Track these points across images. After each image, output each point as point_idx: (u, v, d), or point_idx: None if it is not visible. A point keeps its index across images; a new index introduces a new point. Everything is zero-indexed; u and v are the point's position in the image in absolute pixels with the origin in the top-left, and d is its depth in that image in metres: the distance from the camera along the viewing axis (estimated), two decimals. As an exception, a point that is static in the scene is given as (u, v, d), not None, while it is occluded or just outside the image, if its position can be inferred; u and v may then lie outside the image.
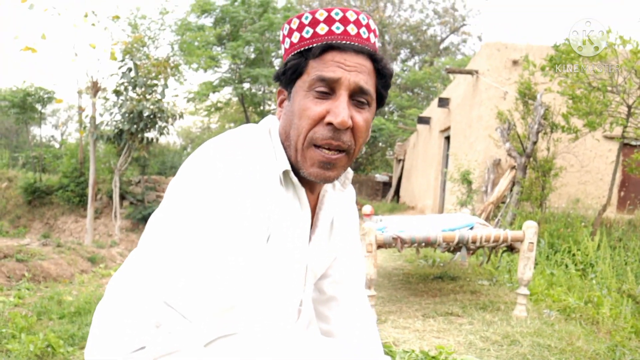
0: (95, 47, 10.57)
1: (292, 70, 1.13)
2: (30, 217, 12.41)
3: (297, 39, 1.13)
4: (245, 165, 1.03)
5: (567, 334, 2.89)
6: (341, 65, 1.09)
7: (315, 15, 1.13)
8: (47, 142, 29.26)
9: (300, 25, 1.13)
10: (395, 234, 3.34)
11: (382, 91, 1.18)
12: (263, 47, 19.52)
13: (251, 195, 1.02)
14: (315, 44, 1.11)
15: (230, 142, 1.08)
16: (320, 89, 1.09)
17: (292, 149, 1.14)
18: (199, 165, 1.04)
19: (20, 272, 6.95)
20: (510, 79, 9.26)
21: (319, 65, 1.10)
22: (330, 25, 1.11)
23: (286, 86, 1.17)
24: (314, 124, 1.10)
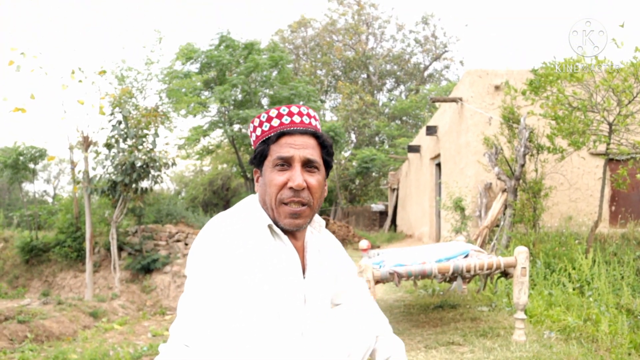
0: (84, 102, 10.74)
1: (259, 155, 1.58)
2: (28, 276, 12.37)
3: (259, 132, 1.59)
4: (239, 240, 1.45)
5: (566, 356, 2.95)
6: (292, 145, 1.54)
7: (269, 113, 1.57)
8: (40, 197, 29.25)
9: (260, 123, 1.59)
10: (392, 270, 3.42)
11: (326, 158, 1.62)
12: (250, 88, 19.80)
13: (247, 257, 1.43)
14: (271, 134, 1.55)
15: (224, 224, 1.49)
16: (280, 165, 1.53)
17: (269, 210, 1.56)
18: (208, 247, 1.44)
19: (23, 333, 6.94)
20: (494, 104, 9.46)
21: (277, 148, 1.55)
22: (280, 118, 1.56)
23: (258, 167, 1.62)
24: (279, 189, 1.53)
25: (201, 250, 1.45)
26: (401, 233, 18.25)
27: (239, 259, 1.41)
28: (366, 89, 32.42)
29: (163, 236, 12.46)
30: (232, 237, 1.44)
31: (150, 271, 11.75)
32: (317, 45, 32.84)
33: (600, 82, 6.31)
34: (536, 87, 6.90)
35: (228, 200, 24.93)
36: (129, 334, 7.10)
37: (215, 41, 20.33)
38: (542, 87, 6.86)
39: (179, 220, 13.24)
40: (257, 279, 1.42)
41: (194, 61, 20.12)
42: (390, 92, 34.47)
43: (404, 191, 18.81)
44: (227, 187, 25.08)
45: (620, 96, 6.30)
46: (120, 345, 5.80)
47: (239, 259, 1.41)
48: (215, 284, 1.38)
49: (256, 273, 1.42)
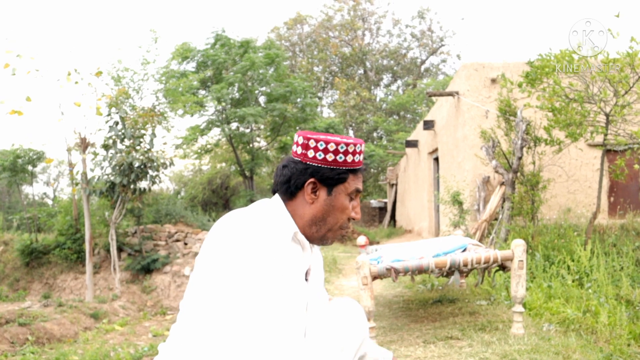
0: (81, 104, 10.72)
1: (341, 179, 1.67)
2: (29, 279, 12.36)
3: (341, 159, 1.66)
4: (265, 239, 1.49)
5: (564, 348, 2.95)
6: (362, 181, 1.74)
7: (350, 147, 1.66)
8: (39, 199, 29.23)
9: (343, 151, 1.66)
10: (389, 265, 3.42)
11: None
12: (246, 86, 19.77)
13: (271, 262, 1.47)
14: (355, 167, 1.68)
15: (251, 226, 1.51)
16: (353, 196, 1.70)
17: (322, 229, 1.69)
18: (231, 247, 1.46)
19: (24, 336, 6.94)
20: (491, 97, 9.46)
21: (355, 181, 1.70)
22: (359, 155, 1.70)
23: (327, 186, 1.68)
24: (347, 217, 1.70)
25: (219, 250, 1.47)
26: (400, 228, 18.26)
27: (261, 264, 1.44)
28: (363, 85, 32.40)
29: (162, 236, 12.46)
30: (255, 240, 1.47)
31: (150, 271, 11.75)
32: (313, 41, 32.81)
33: (596, 73, 6.31)
34: (532, 79, 6.89)
35: (227, 199, 24.90)
36: (129, 335, 7.11)
37: (210, 40, 20.28)
38: (538, 79, 6.85)
39: (178, 220, 13.22)
40: (275, 286, 1.46)
41: (190, 60, 20.08)
42: (387, 88, 34.46)
43: (403, 186, 18.82)
44: (227, 185, 25.04)
45: (616, 87, 6.29)
46: (121, 346, 5.80)
47: (261, 264, 1.44)
48: (233, 287, 1.41)
49: (275, 280, 1.46)
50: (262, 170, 23.51)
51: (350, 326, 1.80)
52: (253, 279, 1.41)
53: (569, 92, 6.55)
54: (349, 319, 1.81)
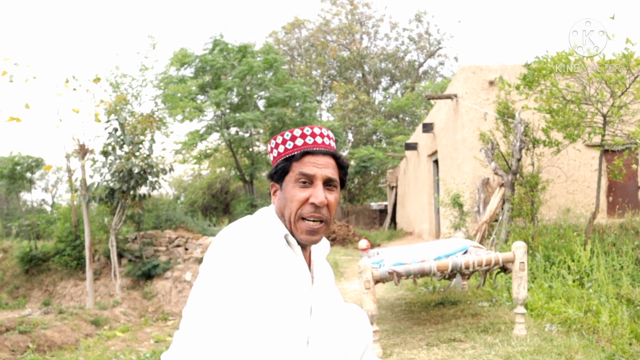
0: (79, 111, 10.74)
1: (281, 170, 1.65)
2: (29, 286, 12.34)
3: (282, 150, 1.66)
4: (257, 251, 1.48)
5: (567, 348, 2.96)
6: (315, 164, 1.63)
7: (293, 132, 1.66)
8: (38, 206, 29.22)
9: (283, 140, 1.66)
10: (391, 269, 3.43)
11: (342, 177, 1.73)
12: (245, 91, 19.81)
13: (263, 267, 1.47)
14: (295, 152, 1.64)
15: (241, 232, 1.53)
16: (302, 182, 1.61)
17: (287, 222, 1.63)
18: (225, 255, 1.47)
19: (25, 344, 6.93)
20: (489, 99, 9.48)
21: (300, 166, 1.63)
22: (304, 138, 1.65)
23: (277, 181, 1.68)
24: (301, 204, 1.60)
25: (217, 259, 1.48)
26: (401, 231, 18.27)
27: (254, 269, 1.44)
28: (362, 88, 32.45)
29: (163, 242, 12.45)
30: (248, 246, 1.48)
31: (151, 277, 11.74)
32: (311, 45, 32.86)
33: (593, 74, 6.33)
34: (530, 81, 6.91)
35: (227, 203, 24.91)
36: (131, 341, 7.10)
37: (209, 45, 20.35)
38: (536, 81, 6.87)
39: (178, 226, 13.22)
40: (271, 290, 1.46)
41: (188, 66, 20.14)
42: (385, 91, 34.50)
43: (403, 189, 18.83)
44: (226, 190, 25.05)
45: (613, 88, 6.32)
46: (123, 353, 5.80)
47: (254, 269, 1.45)
48: (229, 295, 1.42)
49: (270, 284, 1.47)
50: (262, 175, 23.52)
51: (354, 333, 1.80)
52: (243, 287, 1.42)
53: (566, 94, 6.57)
54: (353, 325, 1.81)
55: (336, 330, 1.73)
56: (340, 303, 1.91)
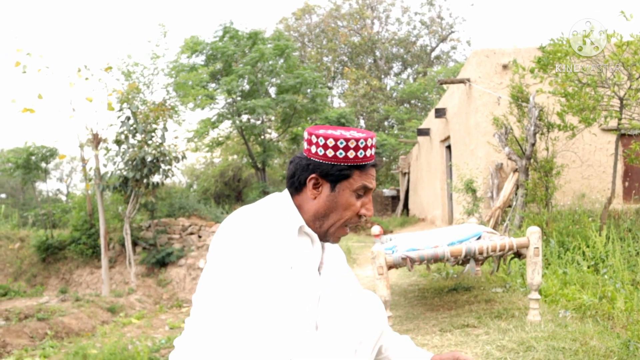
0: (92, 100, 10.78)
1: (343, 176, 1.63)
2: (46, 275, 12.51)
3: (342, 155, 1.62)
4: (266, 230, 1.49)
5: (581, 334, 2.94)
6: (373, 177, 1.67)
7: (359, 142, 1.62)
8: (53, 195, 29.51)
9: (345, 147, 1.61)
10: (404, 255, 3.42)
11: None
12: (256, 78, 19.77)
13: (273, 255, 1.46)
14: (362, 162, 1.63)
15: (253, 218, 1.52)
16: (361, 193, 1.65)
17: (325, 224, 1.66)
18: (235, 241, 1.47)
19: (43, 330, 7.04)
20: (502, 83, 9.38)
21: (363, 177, 1.65)
22: (371, 149, 1.66)
23: (329, 181, 1.65)
24: (354, 214, 1.65)
25: (227, 244, 1.47)
26: (414, 217, 18.23)
27: (264, 256, 1.44)
28: (373, 74, 32.25)
29: (176, 229, 12.54)
30: (260, 233, 1.47)
31: (165, 265, 11.84)
32: (322, 31, 32.68)
33: (609, 57, 6.22)
34: (544, 64, 6.81)
35: (240, 191, 24.98)
36: (146, 328, 7.18)
37: (219, 32, 20.29)
38: (551, 64, 6.77)
39: (191, 213, 13.29)
40: (280, 278, 1.46)
41: (199, 54, 20.11)
42: (397, 76, 34.26)
43: (415, 175, 18.76)
44: (239, 178, 25.11)
45: (630, 70, 6.21)
46: (139, 339, 5.86)
47: (264, 256, 1.44)
48: (239, 281, 1.41)
49: (279, 272, 1.46)
50: (274, 162, 23.54)
51: (368, 318, 1.79)
52: (253, 272, 1.41)
53: (581, 77, 6.47)
54: (367, 311, 1.79)
55: (348, 314, 1.72)
56: (355, 287, 1.90)
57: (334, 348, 1.53)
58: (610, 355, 2.60)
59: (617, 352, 2.65)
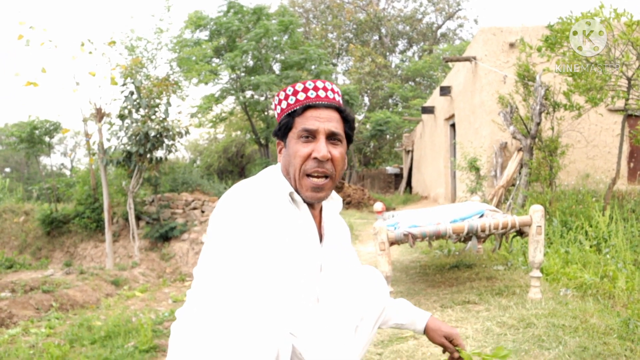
0: (95, 74, 10.73)
1: (284, 127, 1.63)
2: (50, 248, 12.62)
3: (285, 105, 1.63)
4: (261, 209, 1.46)
5: (581, 312, 2.96)
6: (317, 118, 1.59)
7: (295, 87, 1.62)
8: (57, 170, 29.59)
9: (285, 96, 1.63)
10: (406, 231, 3.43)
11: (348, 132, 1.67)
12: (260, 54, 19.63)
13: (269, 234, 1.44)
14: (297, 106, 1.60)
15: (246, 191, 1.51)
16: (305, 137, 1.58)
17: (292, 180, 1.61)
18: (230, 214, 1.46)
19: (48, 302, 7.11)
20: (509, 62, 9.29)
21: (302, 121, 1.59)
22: (306, 92, 1.61)
23: (282, 138, 1.67)
24: (304, 160, 1.58)
25: (222, 217, 1.47)
26: (416, 195, 18.25)
27: (259, 226, 1.43)
28: (378, 51, 31.97)
29: (180, 204, 12.59)
30: (253, 204, 1.46)
31: (169, 239, 11.91)
32: (327, 7, 32.32)
33: (618, 36, 6.15)
34: (552, 43, 6.74)
35: (243, 167, 25.02)
36: (150, 301, 7.24)
37: (223, 7, 20.10)
38: (558, 43, 6.70)
39: (194, 188, 13.33)
40: (277, 247, 1.44)
41: (203, 29, 19.96)
42: (402, 54, 33.97)
43: (419, 153, 18.73)
44: (242, 154, 25.13)
45: (639, 50, 6.14)
46: (142, 312, 5.93)
47: (259, 226, 1.43)
48: (235, 252, 1.40)
49: (276, 241, 1.45)
50: (277, 138, 23.46)
51: (370, 293, 1.78)
52: (250, 244, 1.40)
53: (589, 56, 6.41)
54: (369, 286, 1.79)
55: (350, 290, 1.72)
56: (356, 263, 1.88)
57: (335, 324, 1.51)
58: (610, 333, 2.62)
59: (616, 330, 2.67)
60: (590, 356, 2.33)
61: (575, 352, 2.37)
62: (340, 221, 1.85)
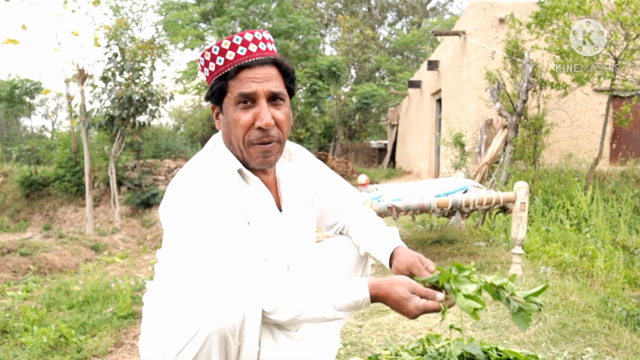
0: (78, 34, 10.46)
1: (217, 92, 1.45)
2: (29, 210, 12.46)
3: (214, 68, 1.44)
4: (210, 186, 1.38)
5: (561, 290, 2.98)
6: (253, 79, 1.41)
7: (221, 45, 1.42)
8: (38, 132, 29.12)
9: (212, 57, 1.44)
10: (390, 204, 3.41)
11: (289, 85, 1.50)
12: (249, 20, 19.30)
13: (223, 205, 1.37)
14: (228, 68, 1.41)
15: (192, 174, 1.42)
16: (243, 102, 1.41)
17: (236, 150, 1.47)
18: (180, 201, 1.38)
19: (26, 265, 7.04)
20: (498, 37, 9.23)
21: (237, 84, 1.41)
22: (235, 50, 1.41)
23: (217, 104, 1.49)
24: (247, 130, 1.43)
25: (174, 204, 1.39)
26: (400, 169, 18.28)
27: (212, 208, 1.35)
28: (367, 23, 31.62)
29: (162, 171, 12.47)
30: (202, 191, 1.36)
31: (150, 206, 11.83)
32: (317, -24, 31.77)
33: (608, 15, 6.12)
34: (542, 20, 6.70)
35: (227, 135, 24.77)
36: (130, 267, 7.20)
37: (212, -29, 19.64)
38: (548, 20, 6.66)
39: (177, 155, 13.21)
40: (234, 224, 1.37)
41: (191, -8, 19.52)
42: (391, 26, 33.65)
43: (404, 127, 18.70)
44: (226, 122, 24.88)
45: (628, 30, 6.13)
46: (122, 278, 5.89)
47: (212, 208, 1.35)
48: (196, 234, 1.34)
49: (231, 219, 1.37)
50: (262, 107, 23.23)
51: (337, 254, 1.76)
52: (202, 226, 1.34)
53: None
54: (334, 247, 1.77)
55: (317, 255, 1.71)
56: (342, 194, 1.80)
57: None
58: (589, 311, 2.65)
59: (595, 307, 2.70)
60: (569, 333, 2.35)
61: (555, 329, 2.39)
62: (307, 175, 1.71)
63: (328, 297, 1.35)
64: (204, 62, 1.47)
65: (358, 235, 1.77)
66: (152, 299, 1.54)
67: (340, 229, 1.84)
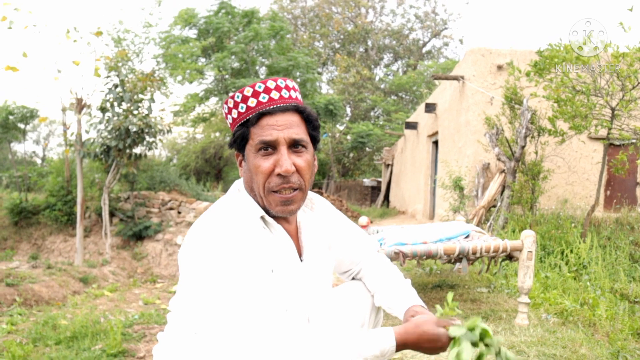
0: (79, 63, 10.50)
1: (239, 139, 1.45)
2: (17, 238, 12.24)
3: (236, 115, 1.45)
4: (234, 233, 1.35)
5: (570, 341, 2.92)
6: (274, 127, 1.40)
7: (244, 92, 1.43)
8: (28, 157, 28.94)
9: (235, 104, 1.44)
10: (397, 249, 3.36)
11: (312, 133, 1.49)
12: (248, 57, 19.53)
13: (247, 253, 1.34)
14: (250, 115, 1.41)
15: (215, 220, 1.39)
16: (264, 149, 1.40)
17: (258, 197, 1.46)
18: (203, 247, 1.33)
19: (11, 296, 6.86)
20: (496, 83, 9.36)
21: (258, 131, 1.41)
22: (257, 97, 1.41)
23: (239, 151, 1.49)
24: (267, 177, 1.41)
25: (197, 251, 1.34)
26: (394, 209, 18.26)
27: (236, 256, 1.31)
28: (364, 63, 32.10)
29: (156, 203, 12.35)
30: (225, 238, 1.33)
31: (142, 238, 11.67)
32: (316, 16, 32.39)
33: (605, 66, 6.23)
34: (540, 68, 6.80)
35: (220, 169, 24.78)
36: (119, 301, 7.04)
37: (214, 7, 19.97)
38: (547, 68, 6.77)
39: (172, 188, 13.11)
40: (257, 274, 1.34)
41: (193, 26, 19.79)
42: (387, 67, 34.17)
43: (399, 167, 18.77)
44: (220, 155, 24.88)
45: (624, 81, 6.23)
46: (112, 313, 5.74)
47: (236, 256, 1.32)
48: (218, 284, 1.29)
49: (255, 268, 1.34)
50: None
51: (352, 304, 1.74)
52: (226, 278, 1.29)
53: (576, 84, 6.48)
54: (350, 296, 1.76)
55: (334, 304, 1.69)
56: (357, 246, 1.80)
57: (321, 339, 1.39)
58: (600, 365, 2.59)
59: (606, 362, 2.64)
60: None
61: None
62: (326, 224, 1.70)
63: (354, 347, 1.32)
64: (227, 109, 1.49)
65: (373, 284, 1.77)
66: (165, 351, 1.47)
67: (354, 275, 1.85)
